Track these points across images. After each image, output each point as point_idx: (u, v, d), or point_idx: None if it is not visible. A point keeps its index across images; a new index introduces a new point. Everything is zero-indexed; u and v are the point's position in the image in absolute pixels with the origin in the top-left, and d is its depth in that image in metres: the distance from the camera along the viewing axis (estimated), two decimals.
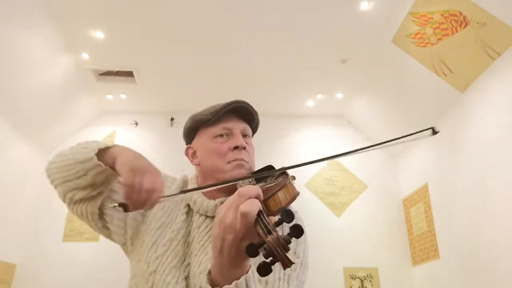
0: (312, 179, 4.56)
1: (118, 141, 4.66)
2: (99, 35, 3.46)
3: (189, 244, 0.95)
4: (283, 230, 0.58)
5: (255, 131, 1.09)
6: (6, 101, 3.50)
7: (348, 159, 4.66)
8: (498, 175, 2.85)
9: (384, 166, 4.68)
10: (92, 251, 4.04)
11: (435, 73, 3.35)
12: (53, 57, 3.61)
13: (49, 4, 3.10)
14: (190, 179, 1.09)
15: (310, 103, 4.60)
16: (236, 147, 0.98)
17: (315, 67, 3.93)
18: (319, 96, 4.46)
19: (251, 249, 0.57)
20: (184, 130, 1.09)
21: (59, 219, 4.15)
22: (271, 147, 4.52)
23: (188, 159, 1.08)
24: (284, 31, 3.43)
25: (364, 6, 3.13)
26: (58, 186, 0.99)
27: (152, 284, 0.89)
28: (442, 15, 2.95)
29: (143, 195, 0.83)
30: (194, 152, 1.05)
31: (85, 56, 3.75)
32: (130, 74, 4.11)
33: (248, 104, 1.03)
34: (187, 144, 1.09)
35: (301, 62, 3.85)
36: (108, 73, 4.21)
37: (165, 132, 4.70)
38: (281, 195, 0.70)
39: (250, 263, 0.68)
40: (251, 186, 0.67)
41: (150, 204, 0.85)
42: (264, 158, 0.96)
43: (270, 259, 0.55)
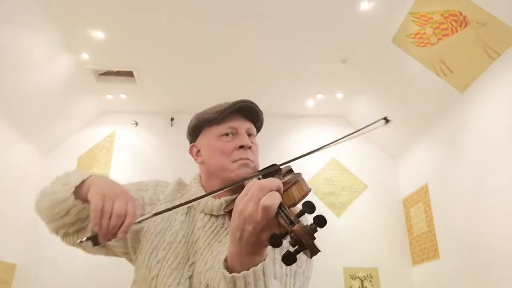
0: (312, 179, 4.56)
1: (118, 141, 4.66)
2: (99, 35, 3.46)
3: (192, 243, 0.95)
4: (307, 221, 0.59)
5: (259, 130, 1.10)
6: (6, 101, 3.50)
7: (348, 159, 4.67)
8: (498, 175, 2.85)
9: (384, 166, 4.68)
10: None
11: (435, 73, 3.35)
12: (53, 57, 3.61)
13: (49, 4, 3.10)
14: (193, 179, 1.08)
15: (310, 103, 4.60)
16: (241, 146, 0.99)
17: (315, 67, 3.93)
18: (319, 96, 4.46)
19: (274, 239, 0.58)
20: (189, 128, 1.08)
21: None
22: (271, 147, 4.52)
23: (192, 157, 1.08)
24: (284, 31, 3.43)
25: (364, 6, 3.13)
26: (47, 224, 0.98)
27: None
28: (442, 15, 2.95)
29: (113, 221, 0.80)
30: (198, 151, 1.05)
31: (85, 56, 3.75)
32: (130, 74, 4.11)
33: (253, 103, 1.03)
34: (190, 143, 1.09)
35: (301, 62, 3.85)
36: (108, 73, 4.22)
37: (165, 132, 4.70)
38: (294, 190, 0.71)
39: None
40: (271, 178, 0.68)
41: (123, 231, 0.81)
42: (264, 158, 0.96)
43: (295, 248, 0.57)
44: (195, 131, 1.06)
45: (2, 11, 2.92)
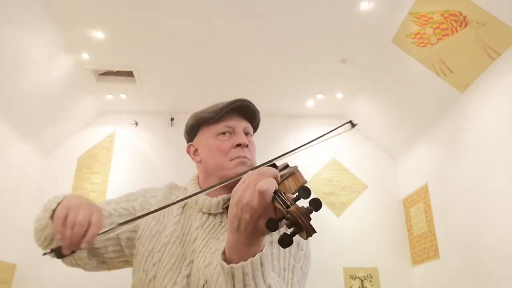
0: (312, 179, 4.56)
1: (118, 141, 4.66)
2: (99, 35, 3.47)
3: (189, 243, 0.95)
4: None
5: (256, 129, 1.10)
6: (6, 101, 3.50)
7: (348, 159, 4.67)
8: (498, 175, 2.85)
9: (384, 166, 4.68)
10: None
11: (435, 73, 3.35)
12: (53, 57, 3.61)
13: (49, 4, 3.10)
14: (190, 180, 1.09)
15: (310, 103, 4.60)
16: (238, 145, 0.99)
17: (315, 67, 3.93)
18: (319, 96, 4.46)
19: (271, 223, 0.59)
20: (186, 128, 1.09)
21: None
22: (271, 147, 4.50)
23: (189, 156, 1.08)
24: (284, 31, 3.43)
25: (364, 6, 3.13)
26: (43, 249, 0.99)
27: None
28: (442, 15, 2.95)
29: (76, 230, 0.79)
30: (196, 150, 1.06)
31: (85, 56, 3.75)
32: (130, 74, 4.11)
33: (250, 102, 1.04)
34: (188, 142, 1.09)
35: (301, 62, 3.85)
36: (108, 73, 4.22)
37: (165, 132, 4.70)
38: (290, 181, 0.73)
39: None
40: (268, 167, 0.69)
41: (86, 241, 0.79)
42: (264, 158, 0.96)
43: (291, 230, 0.57)
44: (193, 130, 1.07)
45: (2, 11, 2.92)
